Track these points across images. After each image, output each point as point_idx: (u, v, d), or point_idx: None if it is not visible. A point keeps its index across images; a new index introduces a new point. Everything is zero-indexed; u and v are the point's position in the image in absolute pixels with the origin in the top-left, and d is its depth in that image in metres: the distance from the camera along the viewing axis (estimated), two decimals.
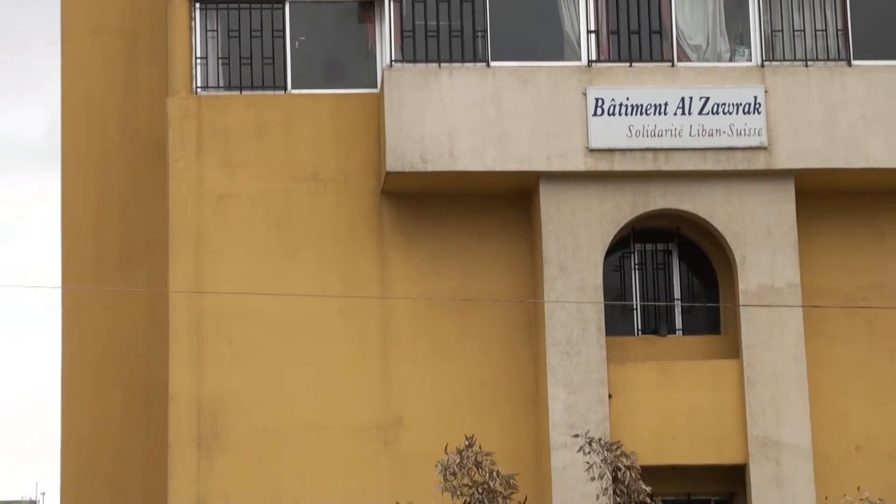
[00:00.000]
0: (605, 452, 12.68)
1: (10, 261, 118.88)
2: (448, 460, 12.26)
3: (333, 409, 24.03)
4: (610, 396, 23.44)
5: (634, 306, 24.86)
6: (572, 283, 23.78)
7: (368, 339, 24.34)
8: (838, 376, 24.34)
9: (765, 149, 24.01)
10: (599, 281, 23.93)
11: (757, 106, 24.02)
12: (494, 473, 12.21)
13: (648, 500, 12.50)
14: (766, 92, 24.09)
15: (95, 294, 27.74)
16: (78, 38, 28.32)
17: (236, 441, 23.93)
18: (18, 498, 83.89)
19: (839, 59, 24.63)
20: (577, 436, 14.12)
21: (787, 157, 24.06)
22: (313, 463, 23.87)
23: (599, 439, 12.83)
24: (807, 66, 24.46)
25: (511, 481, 12.29)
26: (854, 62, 24.56)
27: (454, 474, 12.23)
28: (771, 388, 23.70)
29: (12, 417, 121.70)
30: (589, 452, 12.92)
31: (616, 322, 24.41)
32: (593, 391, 23.43)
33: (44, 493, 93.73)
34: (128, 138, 28.04)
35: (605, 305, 23.93)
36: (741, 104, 24.03)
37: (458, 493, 12.18)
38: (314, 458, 23.88)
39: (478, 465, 12.20)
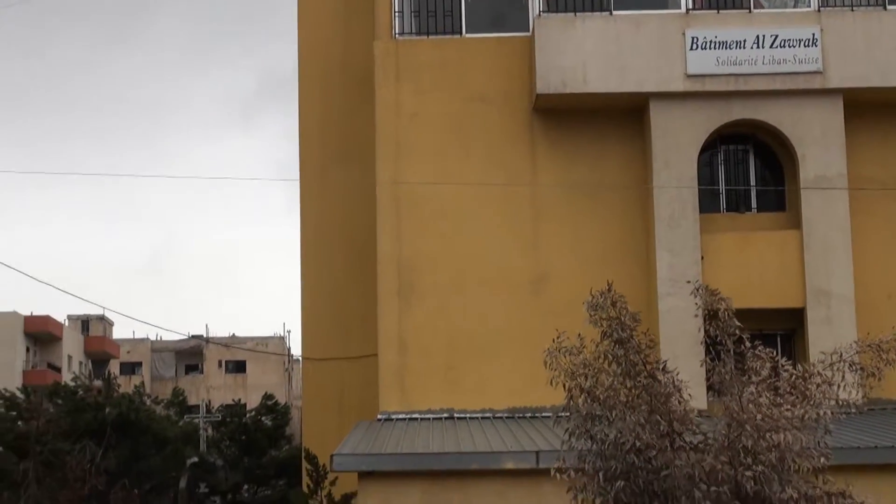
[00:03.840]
0: (708, 296, 12.53)
1: (268, 158, 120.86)
2: (593, 299, 12.25)
3: (496, 268, 24.22)
4: (702, 258, 23.40)
5: (720, 191, 24.69)
6: (674, 174, 23.71)
7: (522, 216, 24.44)
8: (875, 243, 24.09)
9: (820, 73, 23.68)
10: (694, 172, 23.82)
11: (814, 41, 23.64)
12: (625, 310, 12.18)
13: (738, 332, 12.37)
14: (821, 30, 23.70)
15: (324, 184, 28.15)
16: None
17: (425, 291, 24.23)
18: (271, 334, 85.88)
19: (877, 5, 24.21)
20: (689, 282, 14.18)
21: (838, 79, 23.75)
22: (481, 307, 24.10)
23: (706, 286, 12.69)
24: (853, 10, 24.03)
25: (637, 317, 12.27)
26: (889, 7, 24.18)
27: (597, 310, 12.23)
28: (823, 252, 23.52)
29: (267, 275, 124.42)
30: (696, 296, 12.82)
31: (707, 203, 24.29)
32: (690, 254, 23.40)
33: (289, 331, 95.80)
34: (344, 71, 28.33)
35: (699, 190, 23.85)
36: (802, 39, 23.66)
37: (599, 324, 12.18)
38: (482, 304, 24.12)
39: (613, 304, 12.19)
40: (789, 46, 23.65)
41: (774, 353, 12.84)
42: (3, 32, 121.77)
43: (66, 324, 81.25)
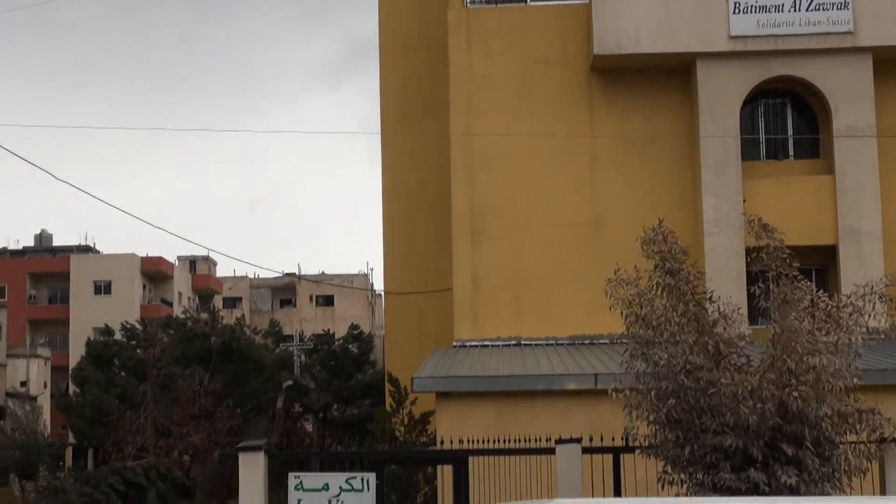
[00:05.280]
0: (760, 230, 12.41)
1: (353, 114, 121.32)
2: (646, 235, 12.22)
3: (558, 212, 24.25)
4: (744, 201, 23.20)
5: (761, 140, 24.47)
6: (718, 125, 23.55)
7: (582, 166, 24.42)
8: None
9: (852, 33, 23.38)
10: (737, 123, 23.69)
11: (846, 4, 23.36)
12: (675, 244, 12.15)
13: (787, 258, 12.28)
14: None
15: (403, 137, 28.24)
16: None
17: (495, 233, 24.34)
18: (356, 272, 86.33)
19: None
20: (743, 214, 14.03)
21: (868, 39, 23.47)
22: (544, 247, 24.17)
23: (759, 219, 12.52)
24: None
25: (686, 250, 12.22)
26: None
27: (649, 244, 12.20)
28: (854, 194, 23.34)
29: (353, 219, 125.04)
30: (749, 232, 12.71)
31: (748, 151, 24.15)
32: (732, 198, 23.28)
33: (372, 269, 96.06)
34: (420, 37, 28.33)
35: (741, 140, 23.66)
36: (835, 3, 23.38)
37: (652, 257, 12.15)
38: (545, 244, 24.18)
39: (664, 238, 12.15)
40: (823, 9, 23.32)
41: (811, 285, 12.79)
42: (126, 7, 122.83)
43: (176, 264, 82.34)
